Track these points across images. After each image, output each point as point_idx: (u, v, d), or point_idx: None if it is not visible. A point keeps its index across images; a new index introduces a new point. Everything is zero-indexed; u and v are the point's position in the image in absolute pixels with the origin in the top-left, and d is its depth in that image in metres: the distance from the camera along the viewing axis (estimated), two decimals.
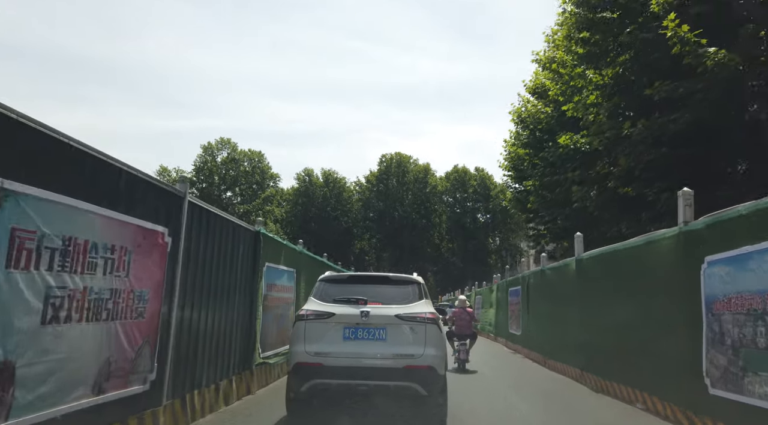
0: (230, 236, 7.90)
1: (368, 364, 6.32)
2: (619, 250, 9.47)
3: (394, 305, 6.64)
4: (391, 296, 6.81)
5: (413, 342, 6.44)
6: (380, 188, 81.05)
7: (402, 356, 6.35)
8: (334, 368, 6.31)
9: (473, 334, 13.97)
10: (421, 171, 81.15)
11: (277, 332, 10.43)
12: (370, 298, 6.68)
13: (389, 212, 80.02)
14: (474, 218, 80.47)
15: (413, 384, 6.28)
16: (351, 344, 6.42)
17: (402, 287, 7.04)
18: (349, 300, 6.68)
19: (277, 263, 10.35)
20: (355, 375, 6.29)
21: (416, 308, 6.67)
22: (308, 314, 6.65)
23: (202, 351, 7.00)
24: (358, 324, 6.47)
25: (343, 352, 6.38)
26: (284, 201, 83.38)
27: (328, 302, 6.73)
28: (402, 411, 6.74)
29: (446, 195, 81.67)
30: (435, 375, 6.43)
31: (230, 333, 7.97)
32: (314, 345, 6.43)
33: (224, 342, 7.74)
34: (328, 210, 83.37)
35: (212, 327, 7.30)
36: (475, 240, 77.71)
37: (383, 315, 6.51)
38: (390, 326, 6.47)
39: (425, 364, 6.36)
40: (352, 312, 6.50)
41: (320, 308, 6.65)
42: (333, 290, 6.96)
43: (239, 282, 8.32)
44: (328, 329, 6.49)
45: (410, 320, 6.51)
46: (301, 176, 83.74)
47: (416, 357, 6.37)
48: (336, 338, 6.45)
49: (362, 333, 6.45)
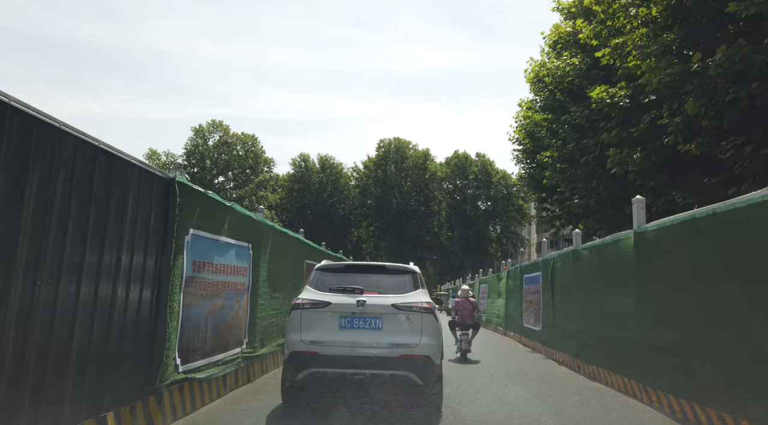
0: (98, 179, 4.62)
1: (364, 353, 6.26)
2: (720, 213, 6.21)
3: (390, 295, 6.62)
4: (388, 286, 6.76)
5: (409, 332, 6.41)
6: (378, 174, 77.67)
7: (398, 345, 6.31)
8: (330, 357, 6.25)
9: (476, 324, 13.72)
10: (421, 157, 77.76)
11: (217, 331, 7.23)
12: (367, 287, 6.65)
13: (387, 199, 76.71)
14: (474, 206, 77.22)
15: (409, 373, 6.21)
16: (347, 333, 6.37)
17: (398, 276, 6.97)
18: (345, 289, 6.62)
19: (215, 233, 7.12)
20: (350, 364, 6.22)
21: (412, 298, 6.62)
22: (304, 302, 6.59)
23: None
24: (354, 313, 6.42)
25: (339, 341, 6.33)
26: (279, 187, 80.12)
27: (324, 291, 6.69)
28: (399, 400, 6.69)
29: (446, 182, 78.35)
30: (431, 364, 6.37)
31: (105, 339, 4.74)
32: (310, 334, 6.38)
33: (83, 353, 4.50)
34: (325, 197, 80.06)
35: (47, 329, 4.07)
36: (475, 228, 74.51)
37: (379, 305, 6.45)
38: (386, 315, 6.43)
39: (421, 353, 6.31)
40: (349, 301, 6.45)
41: (316, 297, 6.61)
42: (329, 279, 6.90)
43: (126, 257, 5.06)
44: (324, 318, 6.46)
45: (406, 309, 6.46)
46: (296, 162, 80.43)
47: (412, 346, 6.33)
48: (332, 327, 6.41)
49: (358, 322, 6.41)
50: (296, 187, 79.57)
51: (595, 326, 10.26)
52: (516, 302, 18.56)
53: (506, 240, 76.56)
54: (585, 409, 7.52)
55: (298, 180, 79.84)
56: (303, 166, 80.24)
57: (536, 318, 15.36)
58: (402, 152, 77.95)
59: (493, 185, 74.81)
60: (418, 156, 77.54)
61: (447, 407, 7.03)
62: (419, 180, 77.06)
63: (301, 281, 11.72)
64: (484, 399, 7.92)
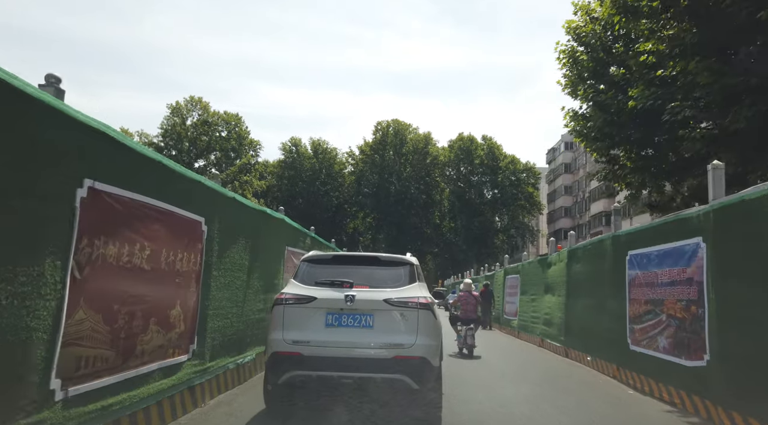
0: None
1: (353, 354, 5.49)
2: None
3: (383, 289, 5.79)
4: (381, 279, 5.94)
5: (404, 330, 5.61)
6: (375, 159, 69.30)
7: (391, 345, 5.52)
8: (315, 358, 5.48)
9: (478, 318, 13.02)
10: (421, 141, 69.43)
11: None
12: (357, 281, 5.80)
13: (385, 187, 68.32)
14: (480, 193, 68.91)
15: (403, 377, 5.43)
16: (334, 331, 5.59)
17: (393, 268, 6.15)
18: (333, 283, 5.79)
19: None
20: (337, 367, 5.44)
21: (408, 292, 5.81)
22: (287, 298, 5.78)
23: None
24: (342, 310, 5.63)
25: (324, 341, 5.55)
26: (268, 174, 71.93)
27: (309, 285, 5.86)
28: (398, 400, 5.74)
29: (449, 168, 70.05)
30: (428, 366, 5.57)
31: None
32: (293, 333, 5.60)
33: None
34: (318, 185, 71.57)
35: None
36: (481, 217, 66.25)
37: (370, 300, 5.64)
38: (378, 312, 5.63)
39: (417, 355, 5.51)
40: (336, 296, 5.65)
41: (300, 292, 5.79)
42: (316, 271, 6.06)
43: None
44: (308, 315, 5.65)
45: (401, 305, 5.66)
46: (287, 147, 72.18)
47: (407, 346, 5.53)
48: (317, 325, 5.62)
49: (347, 320, 5.62)
50: (287, 174, 71.22)
51: None
52: (603, 302, 10.32)
53: (514, 231, 68.32)
54: None
55: (288, 166, 71.52)
56: (294, 151, 72.04)
57: (679, 342, 7.20)
58: (401, 135, 69.66)
59: (500, 170, 66.52)
60: (419, 140, 69.27)
61: None
62: (420, 166, 68.79)
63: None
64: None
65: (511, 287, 20.29)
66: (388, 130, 70.05)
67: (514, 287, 19.64)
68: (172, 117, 59.90)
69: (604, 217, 52.43)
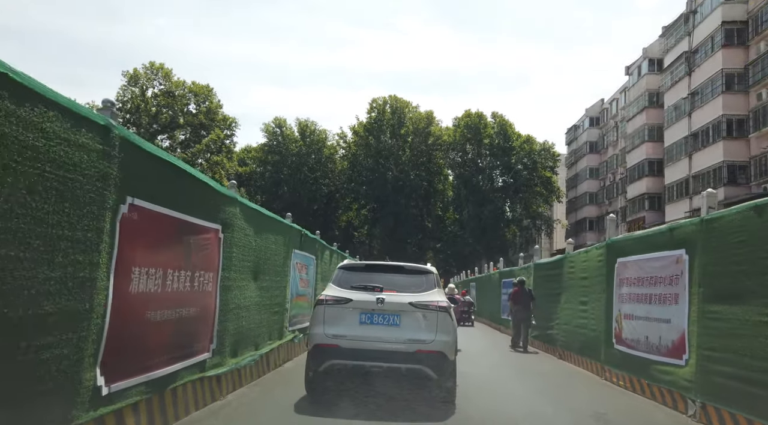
0: None
1: (382, 347, 6.34)
2: None
3: (408, 294, 6.62)
4: (406, 285, 6.78)
5: (425, 329, 6.44)
6: (370, 141, 58.31)
7: (414, 341, 6.36)
8: (350, 350, 6.37)
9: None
10: (423, 120, 58.33)
11: None
12: (386, 286, 6.65)
13: (381, 172, 57.35)
14: (489, 179, 57.57)
15: (424, 368, 6.27)
16: (366, 328, 6.47)
17: (416, 276, 7.03)
18: (365, 287, 6.67)
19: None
20: (369, 357, 6.33)
21: (429, 297, 6.63)
22: (327, 299, 6.68)
23: None
24: (373, 310, 6.49)
25: (358, 335, 6.43)
26: (250, 160, 61.47)
27: (346, 289, 6.73)
28: (418, 390, 6.59)
29: (454, 150, 58.83)
30: (445, 359, 6.40)
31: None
32: (332, 328, 6.49)
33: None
34: (305, 171, 60.50)
35: None
36: (491, 206, 55.00)
37: (398, 302, 6.48)
38: (404, 312, 6.48)
39: (436, 349, 6.35)
40: (369, 299, 6.50)
41: (338, 294, 6.67)
42: (351, 277, 6.98)
43: None
44: (345, 313, 6.54)
45: (423, 308, 6.50)
46: (270, 128, 61.38)
47: (427, 342, 6.37)
48: (353, 322, 6.50)
49: (377, 318, 6.50)
50: (270, 159, 60.50)
51: None
52: None
53: (529, 221, 56.92)
54: None
55: (272, 150, 60.77)
56: (278, 133, 61.35)
57: None
58: (400, 113, 58.59)
59: (513, 151, 55.24)
60: (420, 118, 58.24)
61: None
62: (421, 149, 57.82)
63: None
64: None
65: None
66: (384, 108, 59.08)
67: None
68: (128, 87, 49.50)
69: (647, 200, 40.61)
